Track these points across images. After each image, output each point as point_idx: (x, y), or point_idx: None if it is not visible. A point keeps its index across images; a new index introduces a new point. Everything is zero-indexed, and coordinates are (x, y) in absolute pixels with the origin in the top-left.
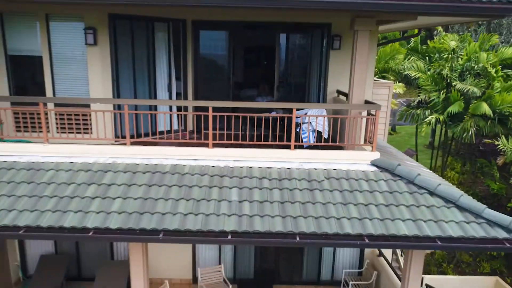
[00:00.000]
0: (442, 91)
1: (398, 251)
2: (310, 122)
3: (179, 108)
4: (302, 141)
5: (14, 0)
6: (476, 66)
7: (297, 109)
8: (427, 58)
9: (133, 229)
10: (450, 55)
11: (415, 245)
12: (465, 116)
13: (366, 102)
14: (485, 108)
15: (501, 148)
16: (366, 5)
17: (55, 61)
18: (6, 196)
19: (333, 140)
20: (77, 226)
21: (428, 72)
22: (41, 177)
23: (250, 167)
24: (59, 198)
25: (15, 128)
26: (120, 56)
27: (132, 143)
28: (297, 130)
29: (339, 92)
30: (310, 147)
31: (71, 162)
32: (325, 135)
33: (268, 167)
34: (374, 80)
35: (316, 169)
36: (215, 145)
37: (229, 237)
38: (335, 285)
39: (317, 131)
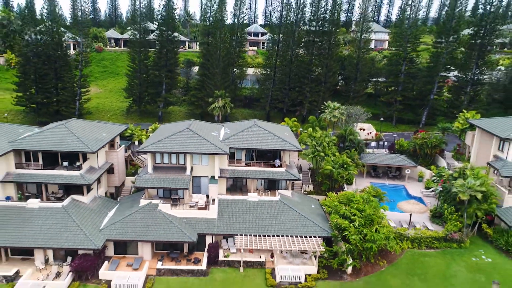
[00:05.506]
0: (313, 149)
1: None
2: (277, 163)
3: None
4: (275, 166)
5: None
6: (321, 142)
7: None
8: (313, 137)
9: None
10: (316, 137)
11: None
12: (317, 158)
13: (287, 164)
14: (325, 157)
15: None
16: (284, 149)
17: None
18: None
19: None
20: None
21: (312, 142)
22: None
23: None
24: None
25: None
26: None
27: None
28: (276, 165)
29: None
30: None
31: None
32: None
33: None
34: (293, 150)
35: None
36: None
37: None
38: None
39: (278, 165)
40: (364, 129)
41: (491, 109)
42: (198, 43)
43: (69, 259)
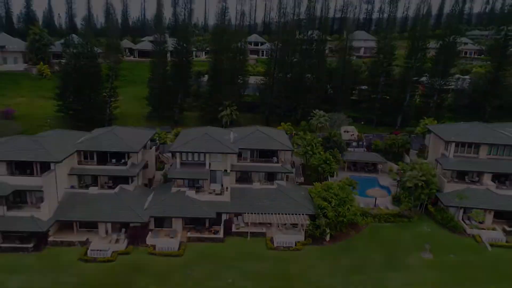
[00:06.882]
0: (304, 149)
1: None
2: (274, 160)
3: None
4: (273, 162)
5: None
6: (310, 143)
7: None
8: (303, 139)
9: None
10: (306, 139)
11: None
12: (306, 155)
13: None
14: (312, 155)
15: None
16: (280, 149)
17: None
18: None
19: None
20: None
21: (303, 143)
22: None
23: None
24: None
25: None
26: None
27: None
28: (273, 161)
29: (279, 155)
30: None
31: None
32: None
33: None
34: (287, 150)
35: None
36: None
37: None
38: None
39: (276, 161)
40: (348, 131)
41: (459, 113)
42: (204, 52)
43: (123, 230)
